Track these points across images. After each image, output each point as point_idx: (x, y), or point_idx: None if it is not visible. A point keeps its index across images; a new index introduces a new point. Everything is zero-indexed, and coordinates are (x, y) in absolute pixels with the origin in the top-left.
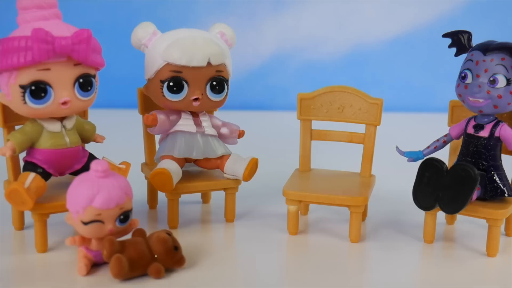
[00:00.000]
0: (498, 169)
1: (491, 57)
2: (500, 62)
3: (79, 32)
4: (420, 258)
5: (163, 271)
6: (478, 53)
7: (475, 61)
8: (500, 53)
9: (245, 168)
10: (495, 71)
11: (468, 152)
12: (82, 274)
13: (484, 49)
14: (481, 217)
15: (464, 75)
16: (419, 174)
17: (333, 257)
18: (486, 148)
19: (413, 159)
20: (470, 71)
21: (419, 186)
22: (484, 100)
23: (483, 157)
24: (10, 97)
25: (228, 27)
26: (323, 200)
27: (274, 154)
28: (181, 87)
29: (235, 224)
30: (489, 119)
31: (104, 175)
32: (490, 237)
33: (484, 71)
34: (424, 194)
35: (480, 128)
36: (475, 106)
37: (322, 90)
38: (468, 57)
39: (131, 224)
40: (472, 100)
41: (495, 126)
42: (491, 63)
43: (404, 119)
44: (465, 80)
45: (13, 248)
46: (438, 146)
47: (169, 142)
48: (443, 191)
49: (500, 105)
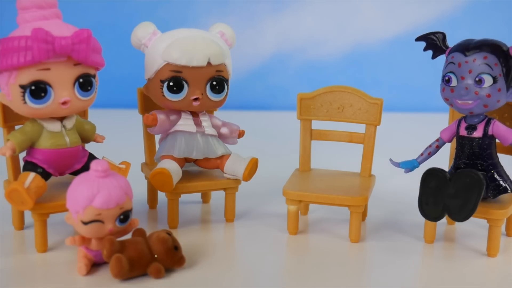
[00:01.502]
0: (497, 167)
1: (473, 57)
2: (483, 61)
3: (79, 32)
4: (420, 258)
5: (163, 271)
6: (459, 54)
7: (457, 63)
8: (481, 52)
9: (245, 168)
10: (479, 70)
11: (464, 154)
12: (82, 274)
13: (464, 49)
14: (482, 217)
15: (448, 79)
16: (422, 185)
17: (333, 257)
18: (481, 148)
19: (409, 169)
20: (453, 74)
21: (423, 198)
22: (473, 101)
23: (481, 157)
24: (10, 97)
25: (228, 27)
26: (323, 200)
27: (274, 154)
28: (181, 87)
29: (235, 224)
30: (479, 118)
31: (104, 175)
32: (490, 237)
33: (468, 72)
34: (430, 205)
35: (473, 128)
36: (465, 108)
37: (322, 90)
38: (449, 60)
39: (131, 224)
40: (461, 103)
41: (487, 124)
42: (474, 63)
43: (404, 119)
44: (450, 84)
45: (13, 248)
46: (432, 152)
47: (169, 142)
48: (450, 200)
49: (490, 103)
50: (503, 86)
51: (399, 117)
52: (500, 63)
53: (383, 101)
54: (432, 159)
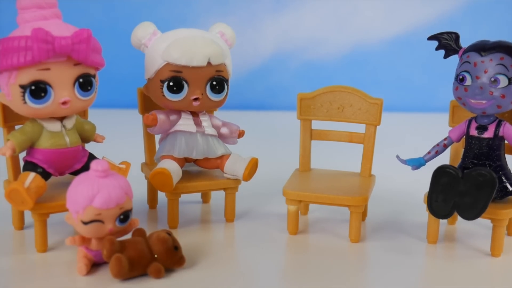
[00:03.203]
0: (505, 169)
1: (490, 57)
2: (500, 61)
3: (79, 32)
4: (422, 258)
5: (163, 271)
6: (475, 54)
7: (472, 62)
8: (498, 52)
9: (245, 168)
10: (496, 71)
11: (472, 154)
12: (82, 274)
13: (481, 49)
14: (485, 217)
15: (462, 78)
16: (433, 182)
17: (333, 257)
18: (492, 148)
19: (416, 167)
20: (468, 73)
21: (433, 195)
22: (487, 101)
23: (489, 158)
24: (10, 97)
25: (228, 27)
26: (323, 200)
27: (274, 154)
28: (181, 87)
29: (235, 224)
30: (490, 119)
31: (104, 175)
32: (494, 237)
33: (484, 72)
34: (440, 203)
35: (484, 129)
36: (478, 108)
37: (322, 90)
38: (464, 59)
39: (131, 224)
40: (474, 102)
41: (498, 126)
42: (491, 63)
43: (404, 119)
44: (464, 83)
45: (13, 248)
46: (439, 150)
47: (169, 142)
48: (460, 198)
49: (504, 104)
50: None
51: (399, 117)
52: None
53: (383, 101)
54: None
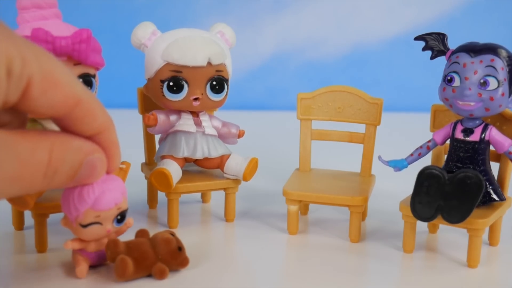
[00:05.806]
0: (488, 174)
1: (480, 58)
2: (490, 63)
3: (79, 32)
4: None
5: (167, 272)
6: (464, 55)
7: (462, 63)
8: (488, 54)
9: (245, 168)
10: (485, 72)
11: (457, 157)
12: (83, 277)
13: (471, 50)
14: (461, 226)
15: (450, 78)
16: (418, 184)
17: (333, 257)
18: (477, 152)
19: (398, 168)
20: (457, 74)
21: (417, 197)
22: (475, 103)
23: (474, 162)
24: None
25: (228, 27)
26: (323, 200)
27: (274, 154)
28: (181, 87)
29: (235, 224)
30: (475, 123)
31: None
32: (470, 248)
33: (473, 73)
34: (424, 205)
35: (470, 132)
36: (466, 109)
37: (322, 90)
38: (453, 60)
39: (127, 224)
40: (462, 104)
41: (484, 129)
42: (481, 65)
43: (404, 119)
44: (452, 84)
45: (13, 248)
46: (422, 153)
47: (169, 142)
48: (445, 201)
49: (492, 107)
50: (507, 91)
51: (399, 117)
52: (506, 68)
53: (383, 101)
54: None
